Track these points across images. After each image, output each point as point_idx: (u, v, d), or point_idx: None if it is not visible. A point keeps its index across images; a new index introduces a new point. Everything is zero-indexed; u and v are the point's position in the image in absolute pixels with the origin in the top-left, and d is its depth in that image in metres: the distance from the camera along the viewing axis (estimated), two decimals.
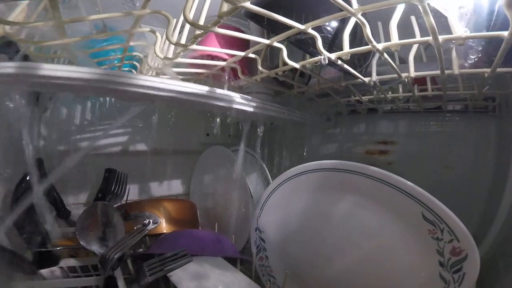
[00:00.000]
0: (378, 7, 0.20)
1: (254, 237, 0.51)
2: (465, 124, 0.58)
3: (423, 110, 0.59)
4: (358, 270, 0.40)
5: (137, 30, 0.26)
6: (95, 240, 0.38)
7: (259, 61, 0.35)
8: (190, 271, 0.37)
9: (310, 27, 0.24)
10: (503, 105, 0.52)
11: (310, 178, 0.44)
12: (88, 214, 0.39)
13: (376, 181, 0.37)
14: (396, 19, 0.25)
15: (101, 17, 0.23)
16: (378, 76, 0.41)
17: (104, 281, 0.34)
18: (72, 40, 0.26)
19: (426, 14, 0.20)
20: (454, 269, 0.32)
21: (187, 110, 0.74)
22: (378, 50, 0.27)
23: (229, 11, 0.19)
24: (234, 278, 0.39)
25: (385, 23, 0.41)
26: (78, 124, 0.65)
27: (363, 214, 0.39)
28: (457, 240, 0.32)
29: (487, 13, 0.28)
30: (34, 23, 0.22)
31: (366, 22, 0.23)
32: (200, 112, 0.74)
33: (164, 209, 0.54)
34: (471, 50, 0.32)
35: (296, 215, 0.47)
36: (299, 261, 0.46)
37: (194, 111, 0.73)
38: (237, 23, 0.47)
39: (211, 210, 0.68)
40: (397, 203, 0.35)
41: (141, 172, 0.72)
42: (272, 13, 0.21)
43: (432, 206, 0.33)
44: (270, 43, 0.29)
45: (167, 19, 0.24)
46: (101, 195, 0.58)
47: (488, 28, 0.28)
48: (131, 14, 0.24)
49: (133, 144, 0.70)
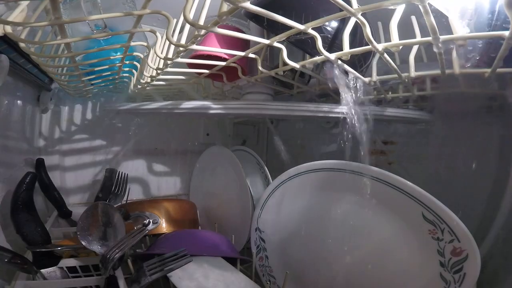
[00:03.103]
0: (378, 7, 0.20)
1: (254, 237, 0.51)
2: (466, 124, 0.58)
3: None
4: (358, 270, 0.40)
5: (137, 30, 0.26)
6: (96, 240, 0.38)
7: (259, 61, 0.35)
8: (190, 271, 0.37)
9: (310, 27, 0.24)
10: (504, 105, 0.52)
11: (310, 178, 0.44)
12: (89, 214, 0.39)
13: (376, 181, 0.37)
14: (396, 19, 0.25)
15: (102, 17, 0.23)
16: (378, 76, 0.41)
17: (105, 280, 0.34)
18: (73, 40, 0.26)
19: (427, 14, 0.20)
20: (454, 269, 0.32)
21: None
22: (378, 51, 0.27)
23: (229, 11, 0.19)
24: (234, 278, 0.39)
25: (385, 23, 0.41)
26: (79, 124, 0.65)
27: (363, 214, 0.39)
28: (457, 240, 0.32)
29: (488, 13, 0.28)
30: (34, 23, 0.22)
31: (366, 22, 0.23)
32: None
33: (164, 209, 0.54)
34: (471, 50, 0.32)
35: (296, 215, 0.47)
36: (299, 261, 0.46)
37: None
38: (237, 23, 0.47)
39: (211, 210, 0.68)
40: (397, 203, 0.35)
41: (141, 172, 0.73)
42: (272, 13, 0.21)
43: (433, 206, 0.33)
44: (270, 43, 0.29)
45: (167, 19, 0.24)
46: (102, 195, 0.58)
47: (489, 28, 0.28)
48: (131, 14, 0.23)
49: (134, 144, 0.70)
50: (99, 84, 0.50)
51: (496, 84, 0.44)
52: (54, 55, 0.34)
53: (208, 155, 0.72)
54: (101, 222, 0.39)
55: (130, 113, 0.61)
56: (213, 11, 0.23)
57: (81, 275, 0.39)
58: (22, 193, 0.39)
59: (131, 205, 0.55)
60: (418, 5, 0.19)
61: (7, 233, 0.39)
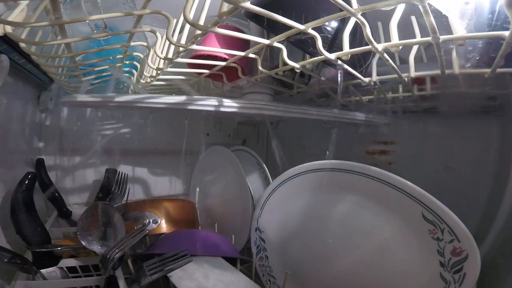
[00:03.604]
0: (378, 7, 0.20)
1: (254, 237, 0.51)
2: (466, 124, 0.58)
3: (423, 110, 0.59)
4: (358, 270, 0.40)
5: (137, 30, 0.26)
6: (96, 240, 0.38)
7: (259, 61, 0.35)
8: (190, 271, 0.37)
9: (310, 27, 0.24)
10: (504, 105, 0.52)
11: (310, 178, 0.44)
12: (89, 214, 0.39)
13: (376, 181, 0.37)
14: (396, 19, 0.25)
15: (102, 17, 0.23)
16: (378, 76, 0.41)
17: (105, 280, 0.34)
18: (73, 40, 0.26)
19: (427, 14, 0.20)
20: (454, 269, 0.32)
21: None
22: (378, 51, 0.27)
23: (229, 11, 0.19)
24: (234, 278, 0.39)
25: (385, 23, 0.41)
26: (79, 124, 0.65)
27: (363, 214, 0.39)
28: (457, 240, 0.32)
29: (488, 13, 0.28)
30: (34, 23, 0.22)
31: (366, 22, 0.23)
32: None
33: (164, 209, 0.54)
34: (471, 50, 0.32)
35: (296, 215, 0.47)
36: (299, 261, 0.46)
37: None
38: (237, 23, 0.47)
39: (211, 210, 0.68)
40: (397, 203, 0.35)
41: (141, 172, 0.73)
42: (272, 13, 0.21)
43: (432, 206, 0.33)
44: (270, 43, 0.29)
45: (167, 19, 0.24)
46: (102, 195, 0.58)
47: (489, 28, 0.28)
48: (131, 14, 0.24)
49: (134, 144, 0.70)
50: (99, 84, 0.50)
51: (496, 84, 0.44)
52: (54, 55, 0.34)
53: (208, 155, 0.72)
54: (101, 222, 0.39)
55: (92, 106, 0.52)
56: (213, 11, 0.23)
57: (81, 275, 0.39)
58: (22, 193, 0.38)
59: (131, 205, 0.55)
60: (418, 5, 0.19)
61: (7, 233, 0.39)
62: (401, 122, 0.67)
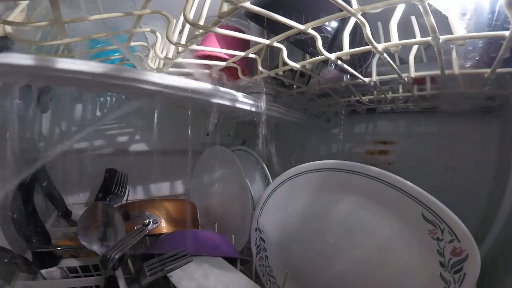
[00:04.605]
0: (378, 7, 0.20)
1: (254, 237, 0.51)
2: (466, 124, 0.58)
3: (423, 110, 0.59)
4: (358, 270, 0.40)
5: (137, 30, 0.26)
6: (96, 240, 0.38)
7: (259, 61, 0.35)
8: (190, 271, 0.37)
9: (310, 27, 0.24)
10: (504, 105, 0.52)
11: (310, 178, 0.44)
12: (89, 214, 0.39)
13: (376, 181, 0.37)
14: (396, 19, 0.25)
15: (102, 17, 0.23)
16: (378, 77, 0.41)
17: (105, 281, 0.34)
18: (73, 40, 0.26)
19: (427, 14, 0.20)
20: (454, 269, 0.32)
21: (187, 110, 0.74)
22: (378, 51, 0.27)
23: (229, 11, 0.19)
24: (234, 278, 0.39)
25: (385, 23, 0.41)
26: (79, 124, 0.65)
27: (363, 214, 0.39)
28: (457, 240, 0.32)
29: (488, 13, 0.28)
30: (34, 23, 0.22)
31: (366, 22, 0.23)
32: (201, 112, 0.74)
33: (164, 209, 0.54)
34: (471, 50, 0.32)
35: (296, 215, 0.47)
36: (299, 261, 0.46)
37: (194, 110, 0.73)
38: (237, 23, 0.47)
39: (211, 210, 0.68)
40: (397, 203, 0.35)
41: (141, 172, 0.73)
42: (272, 13, 0.21)
43: (432, 206, 0.33)
44: (270, 43, 0.29)
45: (167, 19, 0.24)
46: (102, 195, 0.58)
47: (489, 28, 0.28)
48: (131, 14, 0.24)
49: (133, 144, 0.71)
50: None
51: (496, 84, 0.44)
52: (54, 55, 0.34)
53: (208, 155, 0.72)
54: (101, 222, 0.39)
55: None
56: (213, 11, 0.23)
57: (81, 275, 0.39)
58: (22, 193, 0.38)
59: (131, 205, 0.55)
60: (418, 5, 0.19)
61: (7, 233, 0.39)
62: (401, 122, 0.67)
